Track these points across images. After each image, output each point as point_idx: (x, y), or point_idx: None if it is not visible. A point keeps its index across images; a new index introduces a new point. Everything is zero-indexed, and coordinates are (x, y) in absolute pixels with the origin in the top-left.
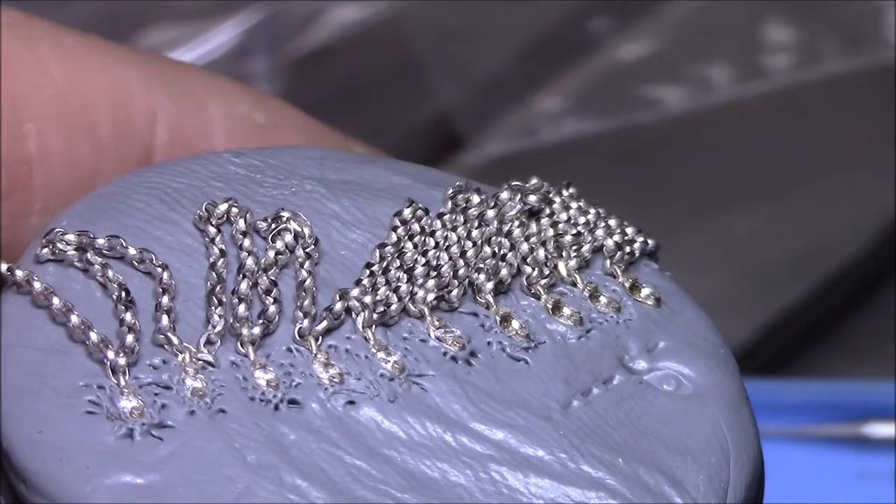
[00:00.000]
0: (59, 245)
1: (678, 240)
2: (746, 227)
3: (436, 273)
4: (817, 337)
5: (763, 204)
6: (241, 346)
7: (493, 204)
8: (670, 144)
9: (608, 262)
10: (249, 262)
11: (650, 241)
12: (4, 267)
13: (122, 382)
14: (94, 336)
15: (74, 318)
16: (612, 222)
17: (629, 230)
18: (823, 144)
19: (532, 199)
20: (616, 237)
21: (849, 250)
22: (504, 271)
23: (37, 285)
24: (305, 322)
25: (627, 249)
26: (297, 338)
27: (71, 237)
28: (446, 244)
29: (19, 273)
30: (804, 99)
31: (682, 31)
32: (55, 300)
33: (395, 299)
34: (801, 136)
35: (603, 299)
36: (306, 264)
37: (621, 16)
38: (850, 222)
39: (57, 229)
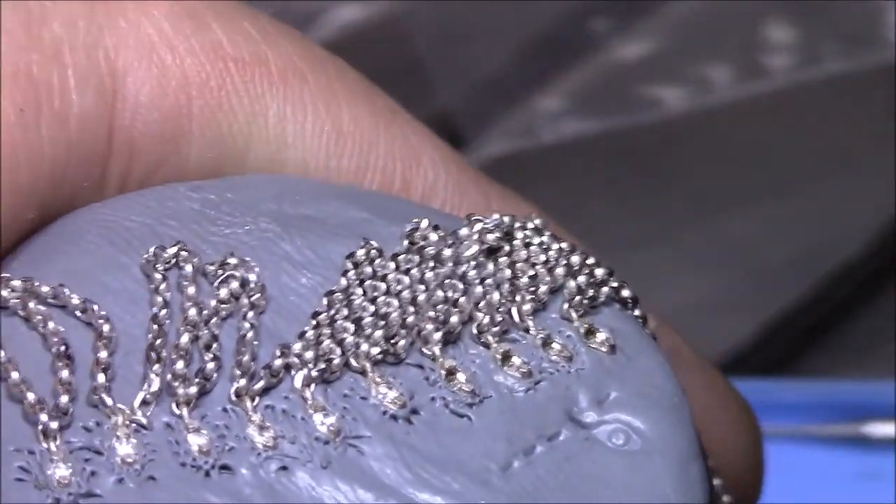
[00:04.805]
0: (3, 292)
1: (678, 240)
2: (746, 227)
3: (383, 322)
4: (817, 337)
5: (763, 204)
6: (177, 406)
7: (450, 242)
8: (670, 144)
9: (566, 305)
10: (192, 312)
11: (625, 290)
12: None
13: (53, 448)
14: (30, 396)
15: (15, 375)
16: (574, 259)
17: (598, 271)
18: (823, 144)
19: (490, 237)
20: (580, 278)
21: (849, 250)
22: (455, 318)
23: None
24: (242, 381)
25: (590, 293)
26: (234, 398)
27: (17, 283)
28: (398, 288)
29: None
30: (804, 99)
31: (682, 31)
32: (1, 353)
33: (338, 353)
34: (802, 136)
35: (556, 346)
36: (249, 315)
37: (621, 16)
38: (850, 222)
39: (4, 274)
